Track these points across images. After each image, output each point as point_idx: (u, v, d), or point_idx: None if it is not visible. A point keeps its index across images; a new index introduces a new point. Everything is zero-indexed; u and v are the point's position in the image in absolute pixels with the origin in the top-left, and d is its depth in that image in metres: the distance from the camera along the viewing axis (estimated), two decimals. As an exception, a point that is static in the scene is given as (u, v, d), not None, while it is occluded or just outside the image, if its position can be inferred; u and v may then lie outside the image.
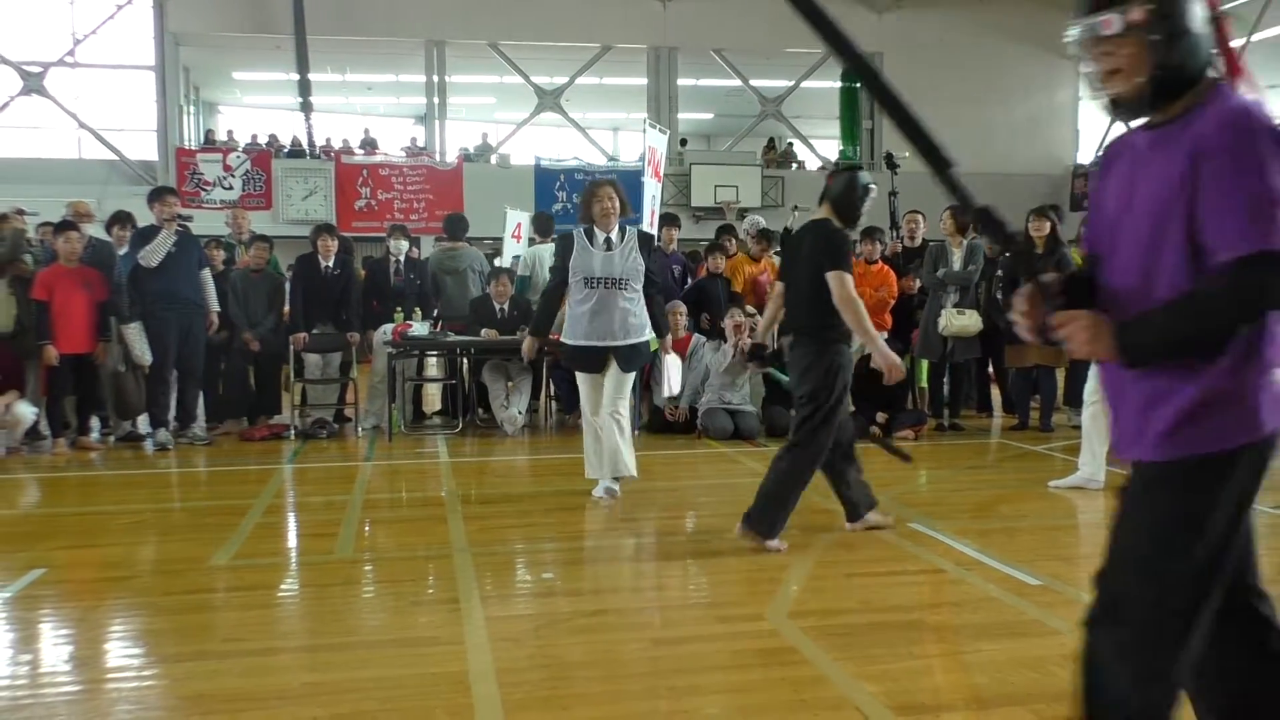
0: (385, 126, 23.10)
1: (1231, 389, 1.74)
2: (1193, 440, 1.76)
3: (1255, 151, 1.67)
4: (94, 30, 18.69)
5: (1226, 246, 1.68)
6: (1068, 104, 21.72)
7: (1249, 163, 1.67)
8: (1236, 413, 1.74)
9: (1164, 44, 1.76)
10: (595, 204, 5.25)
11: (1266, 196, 1.65)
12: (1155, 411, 1.79)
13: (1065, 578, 3.98)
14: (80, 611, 3.69)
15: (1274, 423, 1.76)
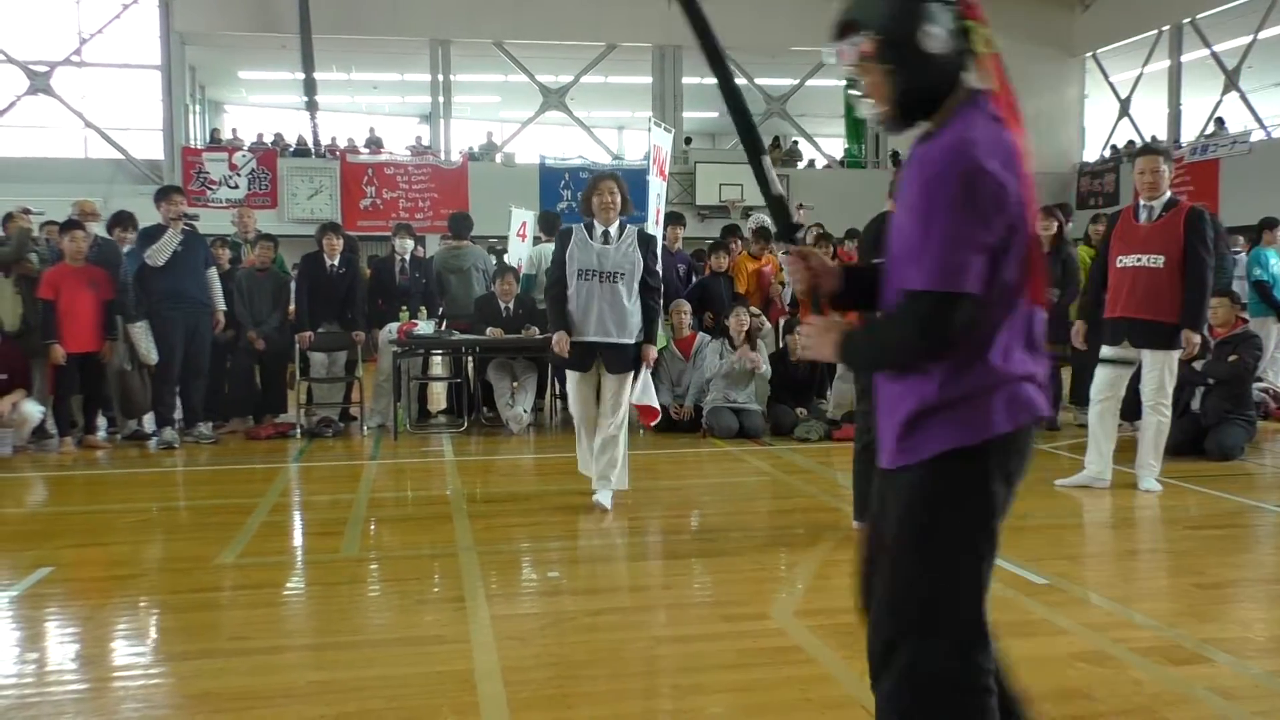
0: (390, 125, 23.12)
1: (954, 395, 1.77)
2: (920, 445, 1.79)
3: (951, 191, 1.68)
4: (100, 30, 18.73)
5: (908, 275, 1.74)
6: (1074, 102, 21.68)
7: (941, 203, 1.69)
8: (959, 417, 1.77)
9: (898, 72, 1.78)
10: (596, 197, 5.20)
11: (951, 238, 1.68)
12: (891, 420, 1.85)
13: (1072, 577, 3.97)
14: (87, 610, 3.69)
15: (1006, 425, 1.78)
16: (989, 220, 1.69)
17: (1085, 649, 3.16)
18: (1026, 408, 1.81)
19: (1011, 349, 1.81)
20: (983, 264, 1.71)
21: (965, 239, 1.68)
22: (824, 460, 6.76)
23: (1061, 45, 21.19)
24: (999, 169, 1.70)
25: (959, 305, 1.69)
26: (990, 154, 1.71)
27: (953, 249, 1.68)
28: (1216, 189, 16.36)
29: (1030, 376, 1.84)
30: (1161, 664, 3.04)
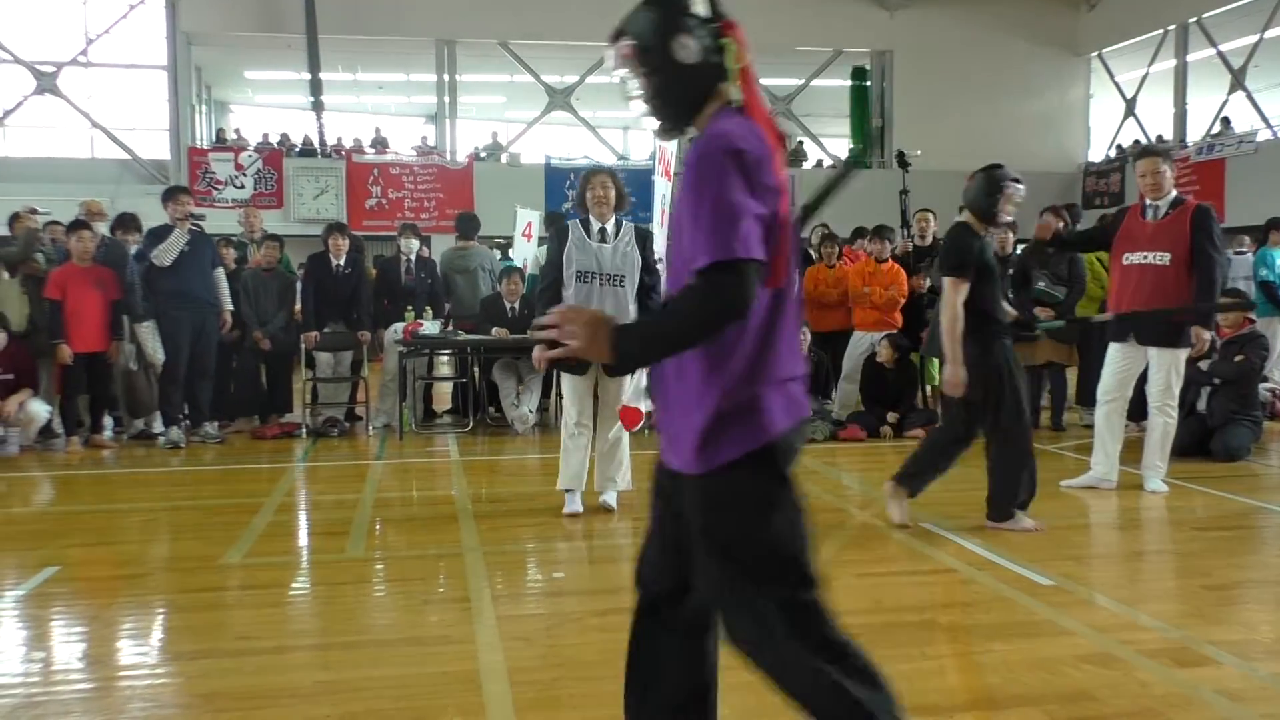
0: (396, 125, 23.15)
1: (741, 401, 1.85)
2: (716, 453, 1.85)
3: (717, 168, 1.78)
4: (106, 30, 18.78)
5: (694, 257, 1.78)
6: (1079, 101, 21.64)
7: (710, 179, 1.78)
8: (746, 422, 1.85)
9: (653, 76, 1.94)
10: (589, 192, 5.05)
11: (724, 210, 1.76)
12: (684, 424, 1.89)
13: (1077, 578, 3.96)
14: (93, 609, 3.70)
15: (779, 426, 1.86)
16: (757, 191, 1.79)
17: (1091, 650, 3.16)
18: (798, 407, 1.93)
19: (782, 350, 1.90)
20: (760, 233, 1.79)
21: (739, 207, 1.77)
22: (829, 460, 6.75)
23: (1067, 45, 21.15)
24: (762, 150, 1.82)
25: (746, 271, 1.76)
26: (745, 140, 1.82)
27: (730, 219, 1.76)
28: (1222, 189, 16.33)
29: (797, 377, 1.95)
30: (1168, 666, 3.03)
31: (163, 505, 5.70)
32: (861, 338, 8.16)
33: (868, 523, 4.95)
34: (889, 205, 10.67)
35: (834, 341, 8.42)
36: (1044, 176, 19.28)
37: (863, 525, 4.91)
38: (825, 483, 6.03)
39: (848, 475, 6.31)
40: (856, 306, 8.32)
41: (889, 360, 7.74)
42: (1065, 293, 7.43)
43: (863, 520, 5.00)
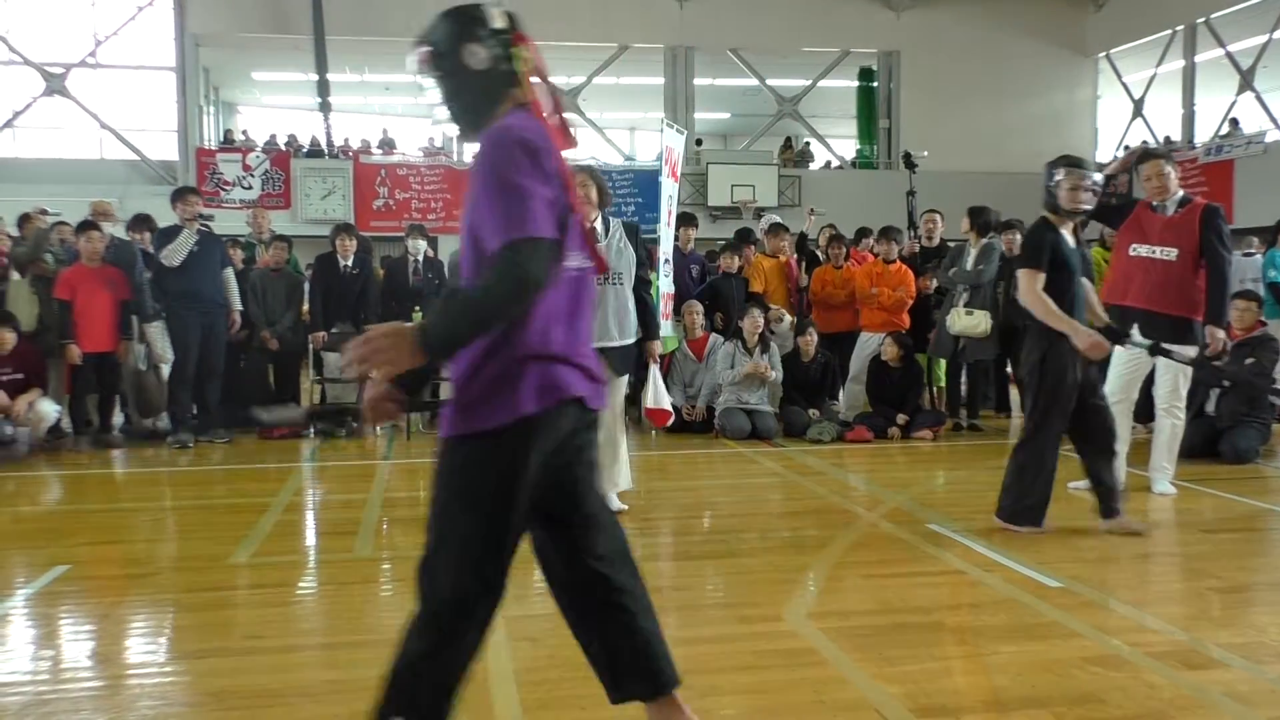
0: (403, 126, 23.18)
1: (496, 375, 2.01)
2: (468, 420, 2.03)
3: (506, 155, 1.96)
4: (115, 31, 18.84)
5: (490, 240, 1.94)
6: (1087, 102, 21.59)
7: (500, 165, 1.95)
8: (501, 397, 2.01)
9: (445, 81, 2.13)
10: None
11: (514, 192, 1.92)
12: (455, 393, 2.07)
13: (1085, 580, 3.96)
14: (102, 608, 3.72)
15: (533, 406, 2.01)
16: (541, 174, 1.96)
17: (1099, 653, 3.15)
18: (555, 390, 2.05)
19: (551, 328, 2.05)
20: (547, 214, 1.95)
21: (526, 190, 1.93)
22: (836, 462, 6.75)
23: (1074, 45, 21.11)
24: (543, 141, 2.00)
25: (537, 247, 1.91)
26: (529, 131, 2.01)
27: (519, 200, 1.92)
28: (1231, 190, 16.28)
29: (567, 357, 2.08)
30: (1176, 668, 3.03)
31: (171, 504, 5.72)
32: (869, 339, 8.15)
33: (874, 524, 4.94)
34: (896, 206, 10.67)
35: (841, 342, 8.41)
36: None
37: (870, 526, 4.90)
38: (832, 484, 6.03)
39: (854, 476, 6.30)
40: (864, 308, 8.31)
41: (894, 359, 7.73)
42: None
43: (869, 521, 4.99)
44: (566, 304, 2.10)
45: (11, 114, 18.76)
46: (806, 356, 7.94)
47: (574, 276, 2.13)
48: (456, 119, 2.19)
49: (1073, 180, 4.63)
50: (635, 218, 16.69)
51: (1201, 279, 5.26)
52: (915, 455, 7.09)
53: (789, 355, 8.02)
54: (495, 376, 2.02)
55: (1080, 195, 4.63)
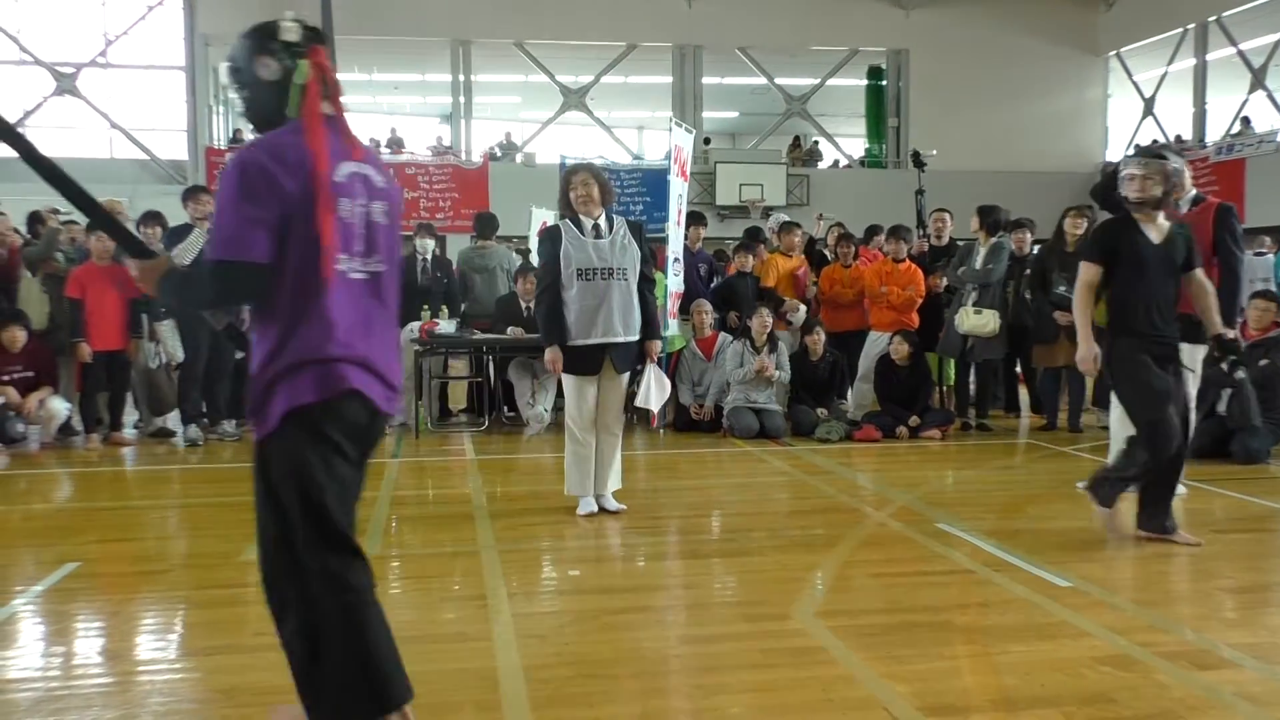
0: (411, 126, 23.22)
1: (274, 378, 2.20)
2: (259, 427, 2.25)
3: (227, 179, 2.18)
4: (125, 31, 18.92)
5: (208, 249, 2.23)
6: (1097, 101, 21.52)
7: (223, 188, 2.19)
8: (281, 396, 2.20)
9: (242, 93, 2.36)
10: (571, 191, 4.89)
11: (224, 217, 2.17)
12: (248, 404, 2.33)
13: (1095, 579, 3.94)
14: (113, 605, 3.73)
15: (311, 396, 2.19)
16: (258, 198, 2.14)
17: (1109, 652, 3.14)
18: (335, 381, 2.22)
19: (331, 333, 2.22)
20: (264, 238, 2.15)
21: (236, 216, 2.14)
22: (844, 461, 6.74)
23: (1084, 44, 21.04)
24: (270, 163, 2.16)
25: (240, 269, 2.14)
26: (268, 153, 2.18)
27: (226, 226, 2.15)
28: (1243, 189, 16.21)
29: (353, 359, 2.24)
30: (1187, 669, 3.02)
31: (181, 502, 5.74)
32: (878, 338, 8.14)
33: (883, 523, 4.93)
34: (905, 205, 10.65)
35: (850, 342, 8.40)
36: (1061, 176, 19.19)
37: (877, 525, 4.89)
38: (840, 483, 6.02)
39: (863, 475, 6.29)
40: (873, 306, 8.30)
41: (903, 358, 7.71)
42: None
43: (878, 520, 4.99)
44: (354, 309, 2.27)
45: (22, 113, 18.84)
46: (815, 355, 7.93)
47: (360, 280, 2.29)
48: (257, 129, 2.36)
49: (1128, 169, 4.49)
50: (644, 217, 16.68)
51: (1214, 278, 5.23)
52: (924, 454, 7.08)
53: (797, 354, 8.01)
54: (273, 380, 2.21)
55: (1128, 184, 4.47)
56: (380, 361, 2.30)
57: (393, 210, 2.40)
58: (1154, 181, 4.41)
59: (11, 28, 18.58)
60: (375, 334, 2.31)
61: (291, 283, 2.19)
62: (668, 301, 7.75)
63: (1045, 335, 7.60)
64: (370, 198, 2.33)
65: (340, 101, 2.35)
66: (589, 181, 4.92)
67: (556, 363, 4.97)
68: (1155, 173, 4.40)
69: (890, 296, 8.11)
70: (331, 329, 2.21)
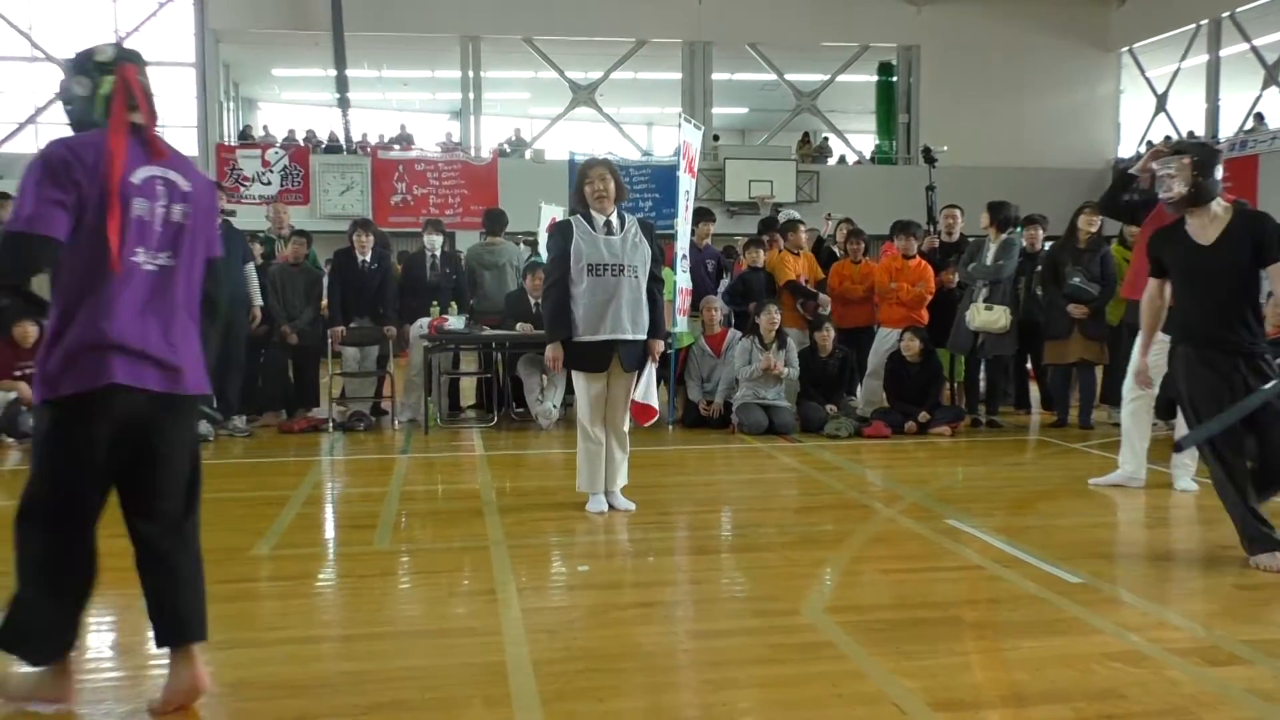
0: (421, 122, 23.26)
1: (44, 357, 2.50)
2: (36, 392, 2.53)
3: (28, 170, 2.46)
4: (136, 28, 18.98)
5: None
6: (1109, 97, 21.43)
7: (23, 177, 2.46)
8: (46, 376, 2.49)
9: (66, 109, 2.67)
10: (587, 186, 4.85)
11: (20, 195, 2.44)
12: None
13: (1105, 576, 3.93)
14: (125, 599, 3.74)
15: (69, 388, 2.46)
16: (57, 183, 2.42)
17: (1120, 649, 3.13)
18: (93, 376, 2.46)
19: (110, 319, 2.47)
20: (63, 217, 2.43)
21: (29, 194, 2.42)
22: (853, 457, 6.73)
23: (1096, 40, 20.94)
24: (70, 157, 2.46)
25: (36, 241, 2.42)
26: (70, 148, 2.48)
27: (33, 203, 2.42)
28: (1255, 185, 16.12)
29: (128, 347, 2.49)
30: (1199, 665, 3.01)
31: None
32: (888, 334, 8.13)
33: (892, 519, 4.93)
34: (915, 201, 10.62)
35: (859, 338, 8.39)
36: (1073, 173, 19.13)
37: (887, 521, 4.89)
38: (849, 479, 6.01)
39: (872, 472, 6.28)
40: (883, 303, 8.28)
41: (914, 355, 7.70)
42: (1098, 291, 7.35)
43: (887, 516, 4.98)
44: (140, 297, 2.54)
45: (34, 110, 18.93)
46: (824, 352, 7.92)
47: (150, 272, 2.57)
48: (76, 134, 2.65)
49: (1160, 169, 4.24)
50: (652, 213, 16.69)
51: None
52: (933, 451, 7.06)
53: (807, 351, 8.00)
54: (54, 358, 2.48)
55: (1159, 182, 4.23)
56: (159, 348, 2.56)
57: (196, 211, 2.68)
58: (1177, 179, 4.12)
59: (23, 24, 18.67)
60: (156, 322, 2.57)
61: (79, 267, 2.48)
62: (676, 298, 7.75)
63: (1056, 332, 7.57)
64: (171, 199, 2.63)
65: (152, 111, 2.68)
66: (605, 177, 4.89)
67: (557, 360, 4.95)
68: (1178, 170, 4.12)
69: (900, 293, 8.09)
70: (110, 316, 2.48)
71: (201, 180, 2.78)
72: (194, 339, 2.70)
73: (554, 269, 4.95)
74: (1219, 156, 4.25)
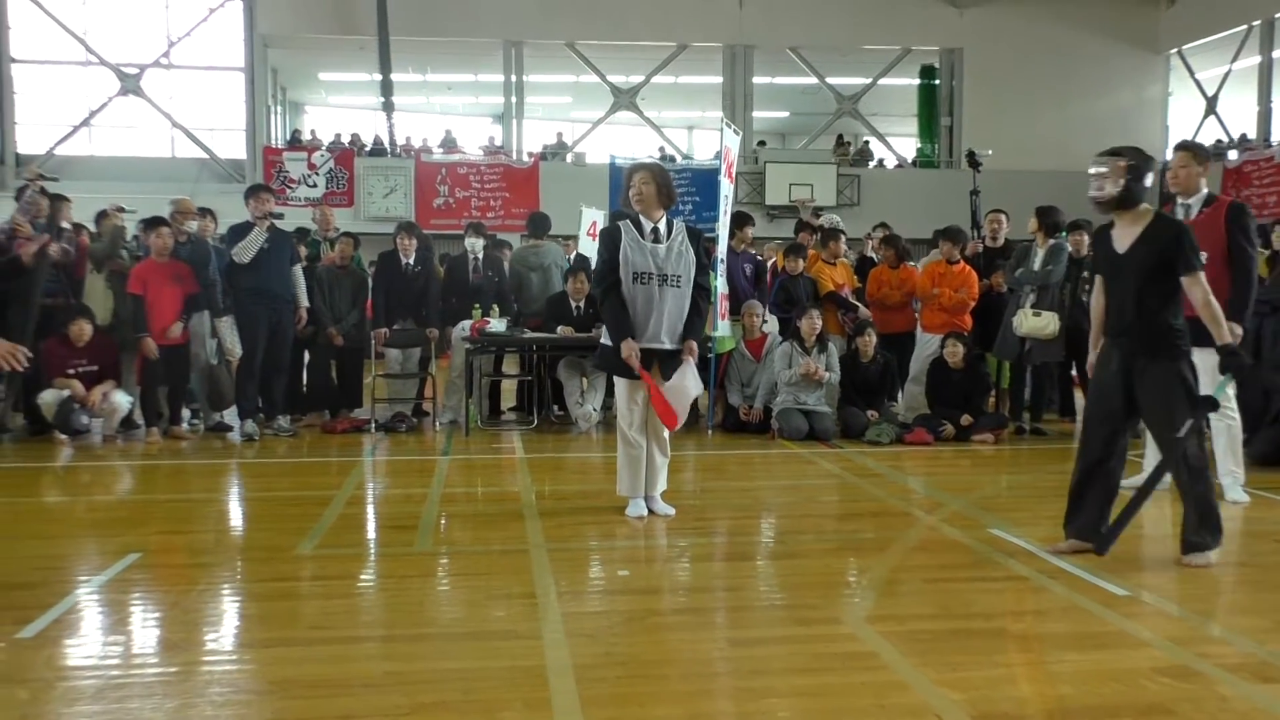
0: (464, 125, 23.44)
1: None
2: None
3: None
4: (187, 33, 19.34)
5: None
6: (1157, 99, 21.09)
7: None
8: None
9: None
10: (630, 189, 4.89)
11: None
12: None
13: (1153, 589, 3.87)
14: (173, 595, 3.82)
15: None
16: None
17: (1168, 663, 3.08)
18: None
19: None
20: None
21: None
22: (895, 464, 6.68)
23: (1144, 42, 20.62)
24: None
25: None
26: None
27: None
28: (1309, 190, 15.77)
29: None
30: (1250, 681, 2.94)
31: (237, 495, 5.85)
32: (929, 340, 8.05)
33: (934, 527, 4.88)
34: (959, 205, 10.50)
35: (899, 343, 8.32)
36: (1120, 177, 18.78)
37: (929, 529, 4.84)
38: (891, 486, 5.96)
39: (914, 479, 6.23)
40: (925, 308, 8.21)
41: (958, 361, 7.62)
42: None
43: (929, 525, 4.93)
44: None
45: (88, 113, 19.35)
46: (865, 357, 7.86)
47: None
48: None
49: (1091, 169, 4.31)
50: (693, 217, 16.68)
51: (1227, 278, 5.08)
52: (976, 459, 6.99)
53: (848, 356, 7.95)
54: None
55: (1089, 180, 4.27)
56: None
57: None
58: (1109, 180, 4.16)
59: (79, 30, 19.09)
60: None
61: None
62: (717, 302, 7.73)
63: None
64: None
65: None
66: (646, 180, 4.89)
67: (634, 355, 4.84)
68: (1111, 171, 4.16)
69: (942, 298, 8.02)
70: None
71: None
72: None
73: (607, 271, 4.92)
74: (1153, 164, 4.32)
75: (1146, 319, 4.18)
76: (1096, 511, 4.34)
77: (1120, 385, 4.26)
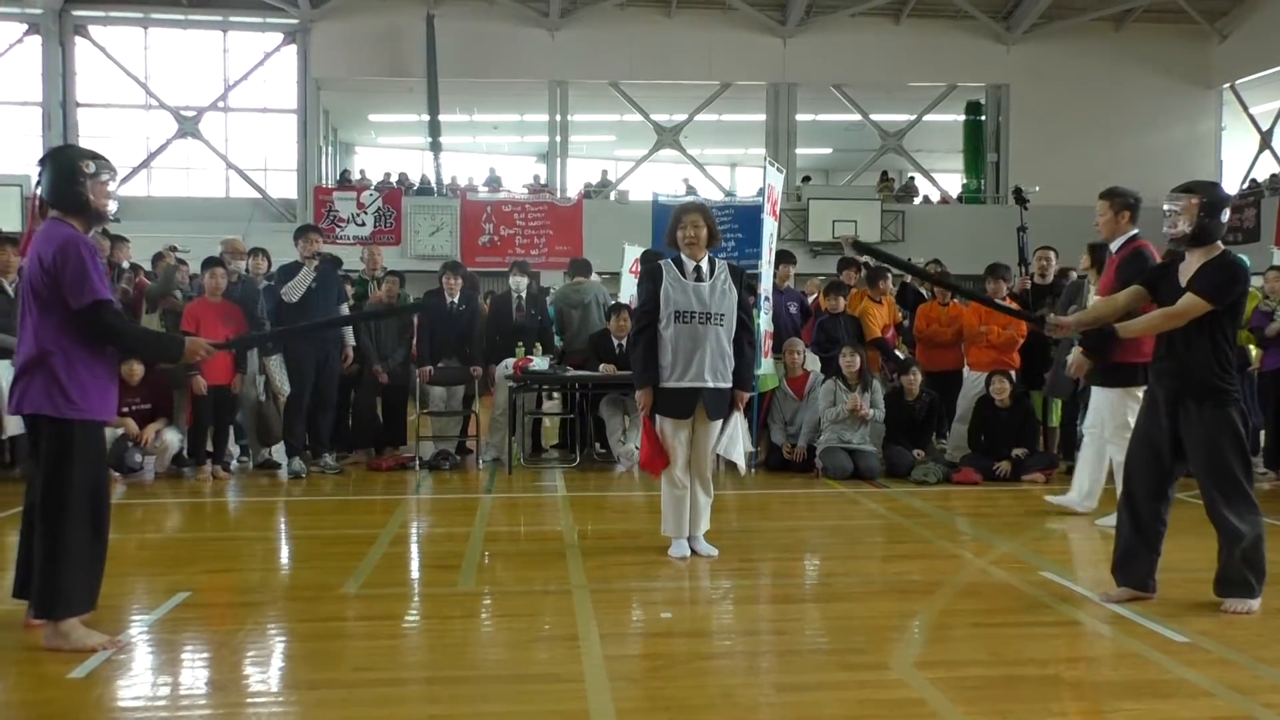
0: (509, 164, 23.76)
1: None
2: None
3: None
4: (244, 76, 19.87)
5: None
6: (1210, 134, 20.79)
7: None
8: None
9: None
10: (680, 231, 4.88)
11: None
12: None
13: (1214, 635, 3.75)
14: (220, 635, 3.85)
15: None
16: None
17: (1231, 713, 2.98)
18: None
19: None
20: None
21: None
22: (942, 504, 6.57)
23: (1196, 77, 20.38)
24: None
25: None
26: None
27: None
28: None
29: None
30: (1317, 737, 2.83)
31: (284, 534, 5.91)
32: (977, 378, 7.94)
33: (983, 570, 4.78)
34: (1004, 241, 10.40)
35: (947, 381, 8.22)
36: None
37: (979, 572, 4.75)
38: (938, 527, 5.86)
39: (962, 520, 6.12)
40: (972, 346, 8.11)
41: (1004, 399, 7.50)
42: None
43: (979, 567, 4.84)
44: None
45: (148, 154, 19.91)
46: (911, 395, 7.78)
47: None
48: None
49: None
50: (735, 253, 16.68)
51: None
52: (1026, 500, 6.85)
53: (893, 394, 7.87)
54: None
55: (1164, 217, 4.22)
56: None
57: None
58: (1182, 217, 4.12)
59: (141, 74, 19.70)
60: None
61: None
62: (760, 340, 7.70)
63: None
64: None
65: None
66: (699, 224, 4.90)
67: (648, 402, 4.93)
68: (1185, 209, 4.11)
69: (990, 335, 7.92)
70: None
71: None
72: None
73: (645, 313, 4.94)
74: (1228, 199, 4.22)
75: (1195, 357, 4.08)
76: (1147, 560, 4.23)
77: (1168, 430, 4.15)
